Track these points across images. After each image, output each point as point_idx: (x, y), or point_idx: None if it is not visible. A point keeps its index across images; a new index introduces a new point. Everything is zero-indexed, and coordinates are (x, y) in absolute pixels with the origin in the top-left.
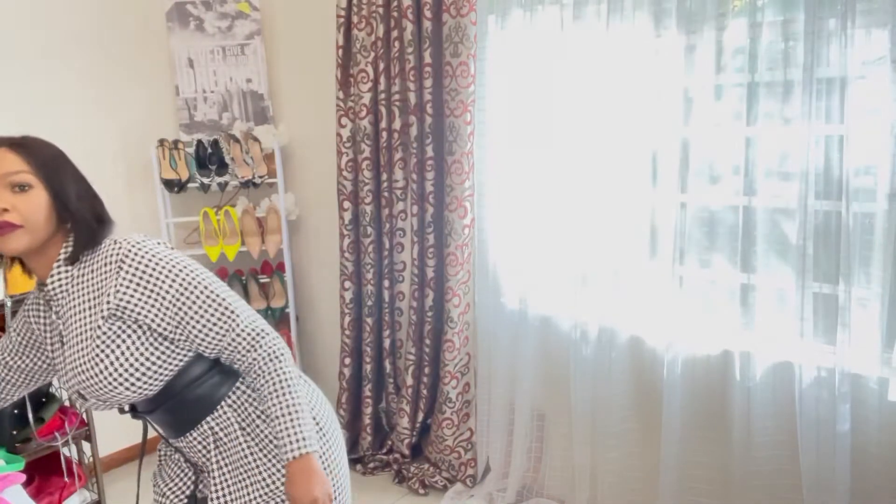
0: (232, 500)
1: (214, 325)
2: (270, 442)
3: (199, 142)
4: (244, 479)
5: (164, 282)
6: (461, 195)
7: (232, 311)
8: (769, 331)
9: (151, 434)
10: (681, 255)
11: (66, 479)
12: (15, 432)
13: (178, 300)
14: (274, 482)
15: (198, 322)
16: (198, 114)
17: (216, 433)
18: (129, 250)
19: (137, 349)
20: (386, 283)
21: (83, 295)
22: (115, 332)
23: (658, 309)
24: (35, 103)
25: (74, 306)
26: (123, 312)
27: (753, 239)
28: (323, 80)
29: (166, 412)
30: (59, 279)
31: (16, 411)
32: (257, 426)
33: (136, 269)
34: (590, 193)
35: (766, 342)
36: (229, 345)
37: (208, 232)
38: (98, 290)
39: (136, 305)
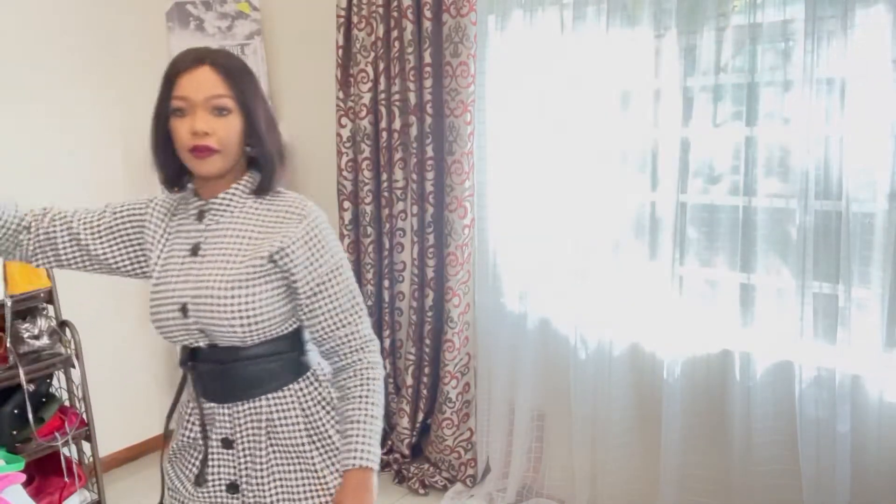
0: (275, 483)
1: (341, 313)
2: (331, 440)
3: None
4: (295, 466)
5: (325, 254)
6: (461, 195)
7: (361, 311)
8: (769, 331)
9: (151, 435)
10: (681, 256)
11: (66, 479)
12: (15, 432)
13: (326, 275)
14: (325, 476)
15: (330, 303)
16: None
17: (271, 415)
18: (314, 212)
19: (270, 296)
20: (386, 282)
21: (252, 224)
22: (265, 271)
23: (658, 309)
24: (34, 103)
25: (236, 229)
26: (283, 258)
27: (753, 239)
28: (323, 80)
29: (232, 372)
30: (232, 201)
31: (16, 411)
32: (320, 420)
33: (314, 230)
34: (589, 193)
35: (765, 342)
36: (342, 337)
37: None
38: (269, 228)
39: (297, 258)
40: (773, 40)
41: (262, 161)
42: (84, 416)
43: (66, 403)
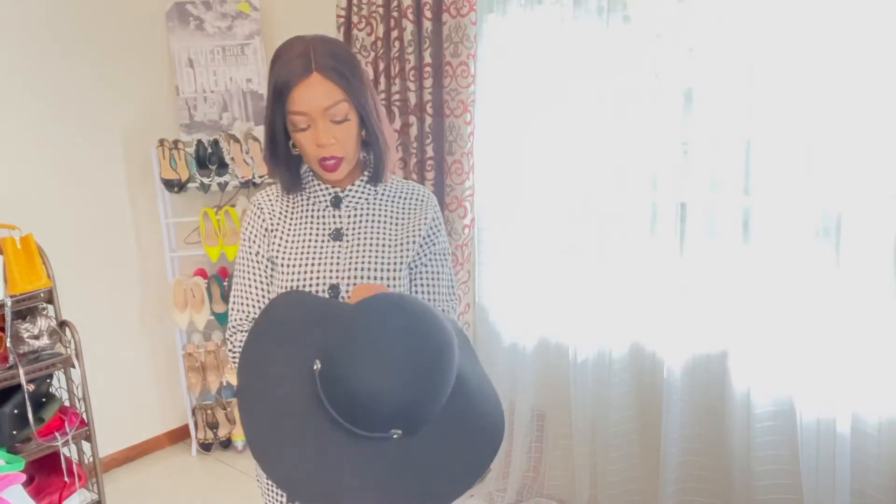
0: None
1: (438, 293)
2: None
3: (199, 142)
4: None
5: (441, 235)
6: (461, 195)
7: (455, 300)
8: (769, 332)
9: (151, 435)
10: (680, 256)
11: (66, 478)
12: (15, 432)
13: (438, 255)
14: None
15: (432, 279)
16: (198, 114)
17: None
18: (434, 197)
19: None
20: None
21: (389, 211)
22: (413, 253)
23: (658, 308)
24: (34, 103)
25: (377, 216)
26: (425, 240)
27: (753, 239)
28: None
29: None
30: (361, 191)
31: (16, 411)
32: None
33: (437, 212)
34: (588, 192)
35: (766, 343)
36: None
37: (208, 232)
38: (407, 213)
39: (432, 237)
40: (779, 38)
41: (375, 151)
42: (84, 416)
43: (66, 403)
